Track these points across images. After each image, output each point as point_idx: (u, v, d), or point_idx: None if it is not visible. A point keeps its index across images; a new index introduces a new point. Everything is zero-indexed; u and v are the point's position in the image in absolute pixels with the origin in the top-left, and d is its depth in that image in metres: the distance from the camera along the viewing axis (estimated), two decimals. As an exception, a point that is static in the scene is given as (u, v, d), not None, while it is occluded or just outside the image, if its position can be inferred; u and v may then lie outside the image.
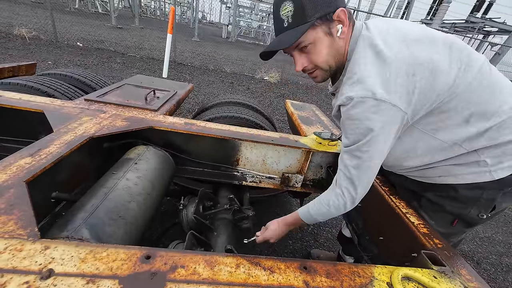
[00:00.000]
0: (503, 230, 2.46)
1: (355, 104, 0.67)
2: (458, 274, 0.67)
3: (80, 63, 4.79)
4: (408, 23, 0.78)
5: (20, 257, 0.50)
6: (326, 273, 0.60)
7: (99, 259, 0.52)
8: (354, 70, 0.70)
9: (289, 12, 0.68)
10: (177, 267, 0.54)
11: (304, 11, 0.67)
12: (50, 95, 1.42)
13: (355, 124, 0.69)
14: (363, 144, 0.71)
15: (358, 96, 0.66)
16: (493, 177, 0.76)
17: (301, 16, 0.67)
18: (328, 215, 0.86)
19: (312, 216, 0.89)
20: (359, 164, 0.74)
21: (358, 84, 0.67)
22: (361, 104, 0.66)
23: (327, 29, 0.70)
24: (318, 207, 0.87)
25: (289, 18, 0.69)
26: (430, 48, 0.69)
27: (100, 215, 0.74)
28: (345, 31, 0.72)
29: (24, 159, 0.77)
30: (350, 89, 0.69)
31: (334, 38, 0.72)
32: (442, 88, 0.69)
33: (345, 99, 0.69)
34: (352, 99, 0.67)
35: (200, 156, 1.35)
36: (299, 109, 2.03)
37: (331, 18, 0.69)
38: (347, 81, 0.71)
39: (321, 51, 0.73)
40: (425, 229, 0.84)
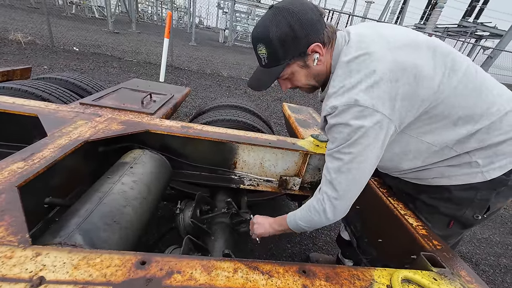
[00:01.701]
0: (500, 231, 2.47)
1: (339, 111, 0.69)
2: (458, 276, 0.67)
3: (76, 67, 4.77)
4: (392, 28, 0.78)
5: (10, 265, 0.48)
6: (325, 277, 0.59)
7: (92, 265, 0.51)
8: (338, 85, 0.72)
9: (264, 54, 0.73)
10: (173, 272, 0.53)
11: (277, 55, 0.72)
12: (44, 99, 1.41)
13: (339, 128, 0.71)
14: (344, 146, 0.71)
15: (342, 104, 0.68)
16: (485, 177, 0.76)
17: (274, 59, 0.73)
18: (311, 222, 0.82)
19: (298, 224, 0.86)
20: (340, 167, 0.73)
21: (344, 95, 0.69)
22: (345, 110, 0.68)
23: (302, 63, 0.75)
24: (302, 213, 0.84)
25: (265, 59, 0.74)
26: (414, 53, 0.70)
27: (95, 220, 0.73)
28: (322, 58, 0.75)
29: (17, 164, 0.76)
30: (334, 100, 0.71)
31: (310, 68, 0.77)
32: (426, 93, 0.69)
33: (330, 108, 0.71)
34: (337, 107, 0.69)
35: (197, 160, 1.34)
36: (296, 112, 2.04)
37: (305, 54, 0.73)
38: (332, 95, 0.73)
39: (299, 79, 0.80)
40: (423, 231, 0.83)
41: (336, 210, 0.76)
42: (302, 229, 0.87)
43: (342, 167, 0.73)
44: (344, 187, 0.74)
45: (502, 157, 0.75)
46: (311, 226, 0.84)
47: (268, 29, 0.70)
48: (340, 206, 0.76)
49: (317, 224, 0.82)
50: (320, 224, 0.81)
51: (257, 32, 0.73)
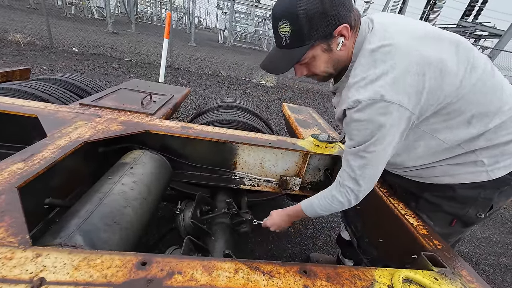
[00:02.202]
0: (500, 230, 2.47)
1: (363, 107, 0.66)
2: (459, 275, 0.67)
3: (76, 68, 4.77)
4: (413, 20, 0.76)
5: (10, 266, 0.48)
6: (326, 277, 0.59)
7: (93, 266, 0.51)
8: (361, 74, 0.68)
9: (287, 32, 0.65)
10: (174, 273, 0.53)
11: (302, 34, 0.64)
12: (44, 100, 1.41)
13: (362, 125, 0.68)
14: (369, 145, 0.70)
15: (366, 99, 0.65)
16: (490, 176, 0.76)
17: (299, 39, 0.65)
18: (331, 210, 0.86)
19: (315, 210, 0.89)
20: (364, 164, 0.74)
21: (367, 87, 0.66)
22: (370, 106, 0.65)
23: (326, 46, 0.69)
24: (321, 202, 0.86)
25: (287, 38, 0.66)
26: (438, 46, 0.68)
27: (95, 221, 0.73)
28: (347, 43, 0.69)
29: (16, 165, 0.75)
30: (357, 92, 0.67)
31: (333, 52, 0.70)
32: (449, 89, 0.68)
33: (352, 102, 0.67)
34: (360, 102, 0.66)
35: (197, 160, 1.33)
36: (296, 112, 2.04)
37: (331, 36, 0.67)
38: (354, 85, 0.69)
39: (319, 65, 0.73)
40: (424, 230, 0.83)
41: (359, 198, 0.80)
42: (319, 215, 0.92)
43: (366, 164, 0.73)
44: (368, 180, 0.76)
45: (508, 156, 0.75)
46: (329, 213, 0.89)
47: (296, 2, 0.61)
48: (363, 194, 0.80)
49: (336, 211, 0.86)
50: (341, 210, 0.86)
51: (281, 7, 0.64)
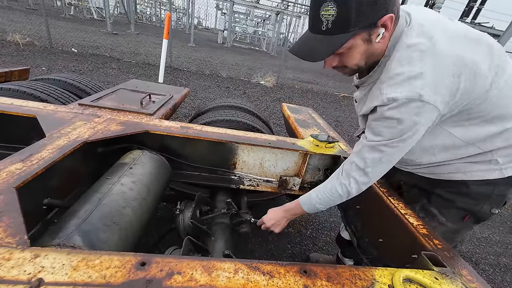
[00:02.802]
0: (499, 230, 2.47)
1: (398, 105, 0.64)
2: (459, 275, 0.67)
3: (75, 68, 4.76)
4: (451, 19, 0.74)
5: (8, 267, 0.47)
6: (326, 277, 0.59)
7: (91, 267, 0.50)
8: (396, 70, 0.65)
9: (331, 16, 0.59)
10: (174, 273, 0.52)
11: (348, 20, 0.59)
12: (43, 100, 1.40)
13: (392, 123, 0.66)
14: (394, 142, 0.68)
15: (403, 97, 0.63)
16: (503, 174, 0.78)
17: (343, 25, 0.60)
18: (329, 204, 0.86)
19: (314, 205, 0.88)
20: (380, 158, 0.73)
21: (404, 85, 0.63)
22: (405, 105, 0.63)
23: (367, 35, 0.64)
24: (320, 196, 0.85)
25: (329, 23, 0.60)
26: (472, 47, 0.66)
27: (94, 221, 0.72)
28: (386, 35, 0.65)
29: (15, 165, 0.75)
30: (393, 90, 0.64)
31: (372, 43, 0.66)
32: (479, 92, 0.67)
33: (387, 100, 0.65)
34: (396, 100, 0.63)
35: (197, 160, 1.33)
36: (296, 112, 2.04)
37: (375, 25, 0.62)
38: (388, 81, 0.66)
39: (354, 56, 0.68)
40: (424, 230, 0.83)
41: (361, 190, 0.79)
42: (318, 210, 0.90)
43: (383, 158, 0.72)
44: (377, 174, 0.76)
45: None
46: (328, 206, 0.88)
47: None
48: (366, 187, 0.79)
49: (336, 203, 0.85)
50: (339, 203, 0.85)
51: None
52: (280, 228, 1.00)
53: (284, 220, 0.99)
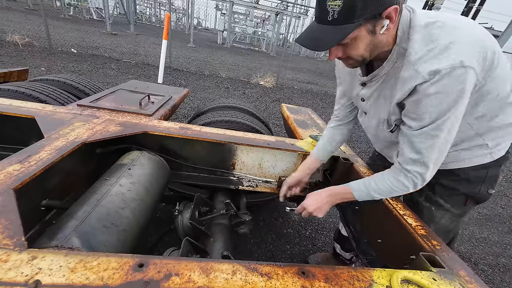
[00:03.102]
0: (498, 230, 2.47)
1: (442, 76, 0.61)
2: (457, 276, 0.67)
3: (74, 69, 4.76)
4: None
5: (5, 268, 0.47)
6: (324, 278, 0.59)
7: (89, 268, 0.50)
8: (424, 48, 0.64)
9: (337, 6, 0.60)
10: (171, 275, 0.52)
11: (354, 10, 0.59)
12: (42, 101, 1.40)
13: (439, 98, 0.64)
14: (445, 120, 0.66)
15: (446, 67, 0.61)
16: (493, 158, 0.85)
17: (349, 15, 0.60)
18: (392, 194, 0.83)
19: (370, 194, 0.85)
20: (434, 144, 0.69)
21: (441, 56, 0.62)
22: (449, 74, 0.61)
23: (372, 27, 0.64)
24: (381, 187, 0.82)
25: (335, 13, 0.61)
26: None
27: (92, 222, 0.72)
28: (391, 27, 0.66)
29: (13, 166, 0.75)
30: (431, 63, 0.62)
31: (376, 35, 0.66)
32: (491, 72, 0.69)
33: (428, 74, 0.62)
34: (439, 72, 0.61)
35: (196, 161, 1.33)
36: (295, 112, 2.04)
37: (380, 16, 0.62)
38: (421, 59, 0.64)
39: (359, 47, 0.68)
40: (423, 231, 0.83)
41: (426, 181, 0.77)
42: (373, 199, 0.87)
43: (436, 143, 0.69)
44: (437, 161, 0.73)
45: (508, 138, 0.83)
46: (386, 197, 0.88)
47: None
48: (430, 177, 0.77)
49: (399, 194, 0.84)
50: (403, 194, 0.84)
51: None
52: (323, 213, 0.94)
53: (327, 205, 0.94)
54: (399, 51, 0.70)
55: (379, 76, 0.77)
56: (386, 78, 0.76)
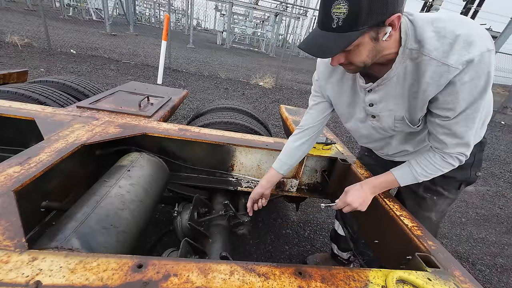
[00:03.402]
0: (496, 230, 2.49)
1: (475, 64, 0.65)
2: (452, 276, 0.68)
3: (74, 70, 4.76)
4: None
5: (6, 269, 0.48)
6: (321, 278, 0.60)
7: (89, 269, 0.51)
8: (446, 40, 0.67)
9: (342, 14, 0.61)
10: (170, 275, 0.53)
11: (358, 18, 0.61)
12: (41, 103, 1.41)
13: (473, 83, 0.67)
14: (480, 101, 0.70)
15: (477, 55, 0.64)
16: (481, 136, 0.95)
17: (353, 23, 0.61)
18: (439, 174, 0.87)
19: (416, 178, 0.89)
20: (473, 125, 0.74)
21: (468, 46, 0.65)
22: (480, 61, 0.65)
23: (375, 34, 0.66)
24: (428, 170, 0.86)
25: (340, 20, 0.62)
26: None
27: (92, 224, 0.73)
28: (393, 34, 0.68)
29: (13, 168, 0.76)
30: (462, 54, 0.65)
31: (378, 42, 0.68)
32: None
33: (462, 65, 0.65)
34: (472, 60, 0.65)
35: (195, 162, 1.34)
36: (293, 114, 2.05)
37: (383, 24, 0.64)
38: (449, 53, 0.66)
39: (361, 54, 0.70)
40: (419, 232, 0.84)
41: (468, 156, 0.82)
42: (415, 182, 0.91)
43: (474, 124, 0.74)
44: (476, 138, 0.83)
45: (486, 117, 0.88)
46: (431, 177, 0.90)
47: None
48: (470, 151, 0.82)
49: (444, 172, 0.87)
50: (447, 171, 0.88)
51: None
52: (367, 206, 0.95)
53: (371, 197, 0.96)
54: (406, 52, 0.71)
55: (388, 79, 0.78)
56: (397, 79, 0.77)
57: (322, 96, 1.03)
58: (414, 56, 0.71)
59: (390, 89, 0.80)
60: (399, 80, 0.77)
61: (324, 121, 1.08)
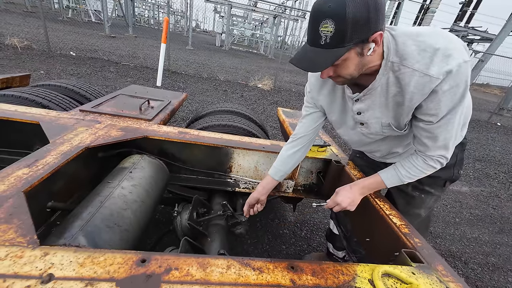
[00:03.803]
0: (489, 230, 2.54)
1: (454, 74, 0.71)
2: (435, 270, 0.72)
3: (73, 72, 4.80)
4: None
5: (21, 263, 0.52)
6: (312, 272, 0.64)
7: (96, 263, 0.55)
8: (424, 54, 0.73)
9: (329, 32, 0.66)
10: (171, 269, 0.57)
11: (345, 35, 0.66)
12: (44, 106, 1.45)
13: (453, 91, 0.74)
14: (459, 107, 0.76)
15: (455, 66, 0.70)
16: (462, 137, 1.01)
17: (340, 40, 0.67)
18: (421, 176, 0.93)
19: (401, 180, 0.95)
20: (452, 128, 0.80)
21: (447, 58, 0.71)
22: (458, 71, 0.71)
23: (360, 50, 0.71)
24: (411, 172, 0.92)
25: (328, 38, 0.67)
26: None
27: (96, 222, 0.77)
28: (377, 49, 0.74)
29: (22, 170, 0.80)
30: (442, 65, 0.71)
31: (364, 57, 0.74)
32: None
33: (442, 75, 0.71)
34: (450, 71, 0.71)
35: (194, 164, 1.38)
36: (290, 116, 2.10)
37: (366, 41, 0.70)
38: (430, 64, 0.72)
39: (349, 67, 0.75)
40: (406, 229, 0.89)
41: (448, 159, 0.88)
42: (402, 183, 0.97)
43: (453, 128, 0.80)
44: (455, 141, 0.86)
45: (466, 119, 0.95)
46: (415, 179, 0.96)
47: (345, 5, 0.63)
48: (451, 154, 0.88)
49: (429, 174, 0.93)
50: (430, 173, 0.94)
51: (327, 7, 0.65)
52: (355, 206, 1.00)
53: (360, 198, 1.01)
54: (388, 64, 0.78)
55: (372, 89, 0.85)
56: (381, 89, 0.83)
57: (314, 106, 1.08)
58: (396, 69, 0.77)
59: (375, 98, 0.86)
60: (382, 90, 0.83)
61: (317, 130, 1.13)
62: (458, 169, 1.08)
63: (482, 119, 8.30)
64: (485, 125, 7.69)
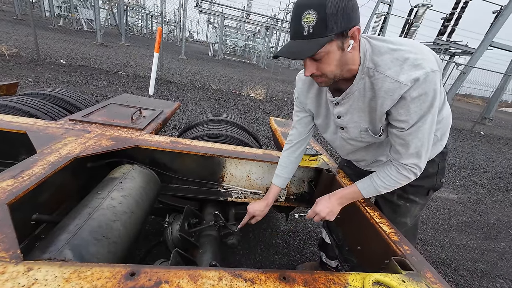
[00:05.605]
0: (476, 237, 2.60)
1: (422, 82, 0.75)
2: (424, 277, 0.74)
3: (63, 80, 4.72)
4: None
5: (3, 280, 0.50)
6: (304, 282, 0.64)
7: (83, 278, 0.54)
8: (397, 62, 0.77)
9: (312, 22, 0.70)
10: (161, 282, 0.56)
11: (326, 25, 0.70)
12: (32, 115, 1.42)
13: (421, 99, 0.77)
14: (428, 114, 0.79)
15: (422, 74, 0.74)
16: (442, 146, 1.05)
17: (322, 29, 0.70)
18: (396, 187, 0.95)
19: (377, 190, 0.96)
20: (423, 136, 0.83)
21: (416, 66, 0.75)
22: (425, 79, 0.75)
23: (341, 43, 0.75)
24: (386, 182, 0.93)
25: (310, 28, 0.71)
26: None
27: (84, 235, 0.75)
28: (355, 46, 0.79)
29: (6, 181, 0.77)
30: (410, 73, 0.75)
31: (344, 52, 0.77)
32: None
33: (411, 82, 0.75)
34: (418, 79, 0.74)
35: (186, 174, 1.37)
36: (282, 125, 2.13)
37: (347, 34, 0.74)
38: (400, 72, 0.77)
39: (331, 62, 0.78)
40: (396, 237, 0.91)
41: (422, 169, 0.89)
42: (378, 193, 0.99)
43: (425, 135, 0.82)
44: (428, 150, 0.87)
45: (446, 128, 1.01)
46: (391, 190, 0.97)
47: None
48: (424, 164, 0.89)
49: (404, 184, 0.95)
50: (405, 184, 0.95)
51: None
52: (334, 216, 1.02)
53: (338, 208, 1.03)
54: (364, 70, 0.83)
55: (350, 93, 0.89)
56: (358, 93, 0.87)
57: (304, 111, 1.12)
58: (371, 74, 0.82)
59: (353, 102, 0.90)
60: (360, 94, 0.87)
61: (311, 133, 1.19)
62: (440, 177, 1.10)
63: (466, 128, 8.64)
64: (469, 134, 8.00)
